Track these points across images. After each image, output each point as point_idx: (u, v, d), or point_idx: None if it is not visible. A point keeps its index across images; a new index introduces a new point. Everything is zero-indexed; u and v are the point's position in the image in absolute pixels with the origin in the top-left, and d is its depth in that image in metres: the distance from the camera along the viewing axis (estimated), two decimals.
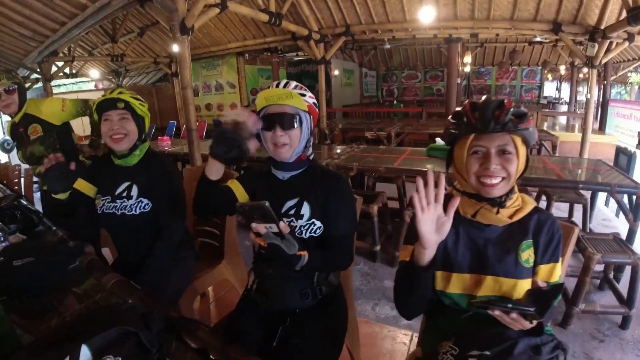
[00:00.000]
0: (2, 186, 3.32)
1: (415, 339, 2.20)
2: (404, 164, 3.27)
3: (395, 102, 13.38)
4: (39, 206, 2.10)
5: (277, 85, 1.27)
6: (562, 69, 11.99)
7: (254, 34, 7.65)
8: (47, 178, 1.54)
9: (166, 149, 5.25)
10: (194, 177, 2.23)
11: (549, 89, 14.67)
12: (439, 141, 3.84)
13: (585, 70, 9.77)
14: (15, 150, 2.42)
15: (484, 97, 1.03)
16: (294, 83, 1.30)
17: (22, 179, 4.18)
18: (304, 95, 1.27)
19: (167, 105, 11.35)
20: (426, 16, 5.32)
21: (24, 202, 1.87)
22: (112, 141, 1.61)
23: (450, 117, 1.08)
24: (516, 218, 1.06)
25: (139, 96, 1.73)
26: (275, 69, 8.93)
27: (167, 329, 0.89)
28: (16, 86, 2.28)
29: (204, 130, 8.55)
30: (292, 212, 1.30)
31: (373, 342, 2.22)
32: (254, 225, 1.04)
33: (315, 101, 1.33)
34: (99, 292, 1.19)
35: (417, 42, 11.00)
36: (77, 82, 11.11)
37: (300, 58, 11.66)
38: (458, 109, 1.07)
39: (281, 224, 1.04)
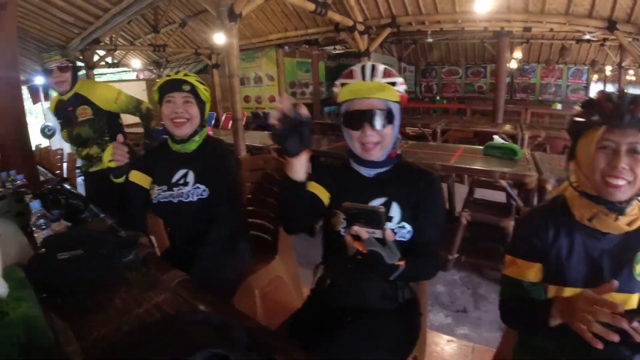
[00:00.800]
0: (43, 170, 3.34)
1: (477, 351, 2.04)
2: (460, 162, 3.06)
3: (437, 98, 12.94)
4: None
5: (364, 74, 1.12)
6: (608, 69, 11.26)
7: (295, 25, 7.53)
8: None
9: None
10: (247, 166, 2.17)
11: (594, 90, 13.87)
12: (497, 139, 3.62)
13: (631, 72, 9.16)
14: (55, 135, 2.41)
15: (615, 89, 0.93)
16: (381, 67, 1.14)
17: (65, 163, 4.21)
18: (394, 84, 1.12)
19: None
20: (482, 6, 5.03)
21: (68, 186, 1.80)
22: (174, 125, 1.53)
23: (579, 105, 0.96)
24: (634, 227, 0.94)
25: (203, 81, 1.64)
26: (315, 62, 8.80)
27: (253, 347, 0.74)
28: (70, 64, 2.24)
29: (243, 120, 8.60)
30: None
31: (432, 350, 2.06)
32: (356, 228, 0.92)
33: (406, 86, 1.17)
34: (160, 292, 1.04)
35: (460, 36, 10.58)
36: (118, 72, 11.30)
37: (338, 51, 11.47)
38: (590, 97, 0.94)
39: (387, 231, 0.92)
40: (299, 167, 1.06)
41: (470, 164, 2.97)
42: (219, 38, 7.07)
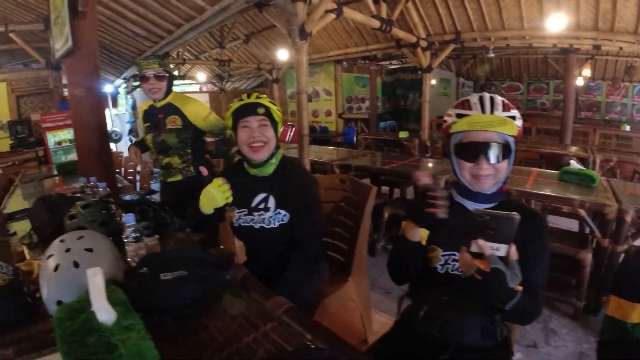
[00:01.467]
0: (118, 176, 3.52)
1: None
2: (535, 188, 2.90)
3: None
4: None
5: (483, 107, 1.08)
6: None
7: (356, 42, 7.59)
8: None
9: None
10: (323, 185, 2.16)
11: None
12: (574, 164, 3.41)
13: None
14: (121, 140, 2.47)
15: None
16: (499, 100, 1.10)
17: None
18: (514, 117, 1.08)
19: None
20: (554, 25, 4.82)
21: (152, 199, 1.85)
22: (252, 150, 1.53)
23: None
24: None
25: (273, 100, 1.66)
26: (373, 77, 8.84)
27: None
28: (167, 74, 2.30)
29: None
30: None
31: None
32: (480, 242, 0.88)
33: (522, 120, 1.13)
34: (265, 319, 1.01)
35: (521, 51, 10.22)
36: (182, 84, 11.91)
37: (395, 66, 11.44)
38: None
39: (512, 247, 0.87)
40: (420, 232, 1.10)
41: (545, 190, 2.82)
42: (283, 54, 7.30)
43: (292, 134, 9.17)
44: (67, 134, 6.15)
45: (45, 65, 7.16)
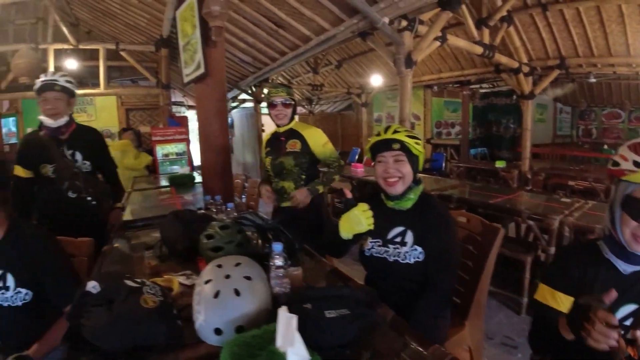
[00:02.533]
0: (237, 199, 3.65)
1: None
2: None
3: (605, 147, 11.34)
4: None
5: None
6: None
7: (450, 66, 7.41)
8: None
9: (360, 175, 5.33)
10: None
11: None
12: None
13: None
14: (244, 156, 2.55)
15: None
16: None
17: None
18: None
19: (350, 132, 12.02)
20: None
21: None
22: (386, 184, 1.54)
23: None
24: None
25: (414, 133, 1.61)
26: (466, 103, 8.52)
27: None
28: (292, 102, 2.42)
29: None
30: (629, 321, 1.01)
31: None
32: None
33: None
34: None
35: (623, 76, 9.28)
36: None
37: (486, 90, 10.95)
38: None
39: None
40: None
41: None
42: (376, 80, 7.36)
43: None
44: (173, 148, 6.69)
45: (155, 84, 7.91)
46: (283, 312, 0.83)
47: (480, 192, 3.98)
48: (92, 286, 1.13)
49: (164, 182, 4.93)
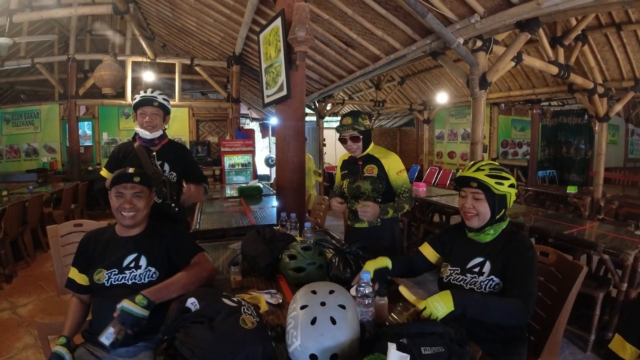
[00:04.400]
0: (311, 219, 3.70)
1: None
2: None
3: None
4: None
5: None
6: None
7: (520, 85, 7.14)
8: None
9: (421, 195, 5.25)
10: None
11: None
12: None
13: None
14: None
15: None
16: None
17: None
18: None
19: (409, 148, 11.93)
20: None
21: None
22: (465, 217, 1.61)
23: None
24: None
25: (502, 171, 1.58)
26: (535, 122, 8.10)
27: None
28: (360, 135, 2.36)
29: (448, 177, 8.43)
30: None
31: None
32: None
33: None
34: None
35: None
36: (334, 120, 12.59)
37: (555, 108, 10.35)
38: None
39: None
40: None
41: None
42: (442, 98, 7.25)
43: (439, 176, 8.92)
44: (240, 159, 7.03)
45: (226, 98, 8.32)
46: (394, 351, 0.85)
47: (551, 220, 3.76)
48: (192, 302, 1.21)
49: (229, 191, 5.15)
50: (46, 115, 8.27)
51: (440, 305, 1.28)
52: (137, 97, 2.35)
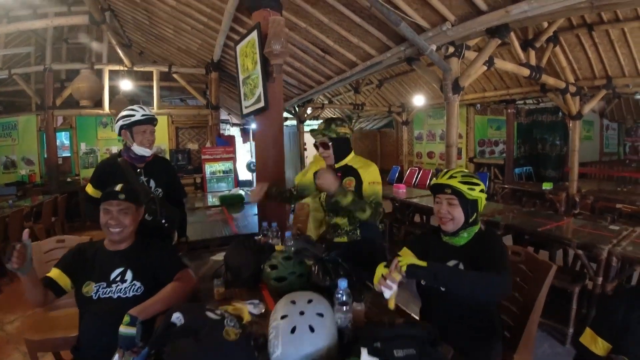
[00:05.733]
0: (293, 225, 3.72)
1: None
2: None
3: None
4: None
5: None
6: None
7: (495, 86, 7.35)
8: None
9: (401, 197, 5.35)
10: None
11: None
12: None
13: None
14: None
15: None
16: None
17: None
18: None
19: (389, 150, 12.08)
20: None
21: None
22: (440, 222, 1.70)
23: None
24: None
25: (473, 178, 1.68)
26: (510, 121, 8.34)
27: None
28: (330, 142, 2.24)
29: (428, 177, 8.59)
30: None
31: None
32: None
33: None
34: None
35: None
36: (314, 124, 12.67)
37: (530, 106, 10.64)
38: None
39: None
40: None
41: None
42: (419, 100, 7.39)
43: (419, 177, 9.08)
44: (221, 166, 7.02)
45: (205, 105, 8.27)
46: (366, 355, 0.92)
47: (527, 217, 3.89)
48: (177, 317, 1.25)
49: (211, 200, 5.15)
50: (24, 126, 8.12)
51: (414, 260, 1.40)
52: (135, 115, 2.27)
